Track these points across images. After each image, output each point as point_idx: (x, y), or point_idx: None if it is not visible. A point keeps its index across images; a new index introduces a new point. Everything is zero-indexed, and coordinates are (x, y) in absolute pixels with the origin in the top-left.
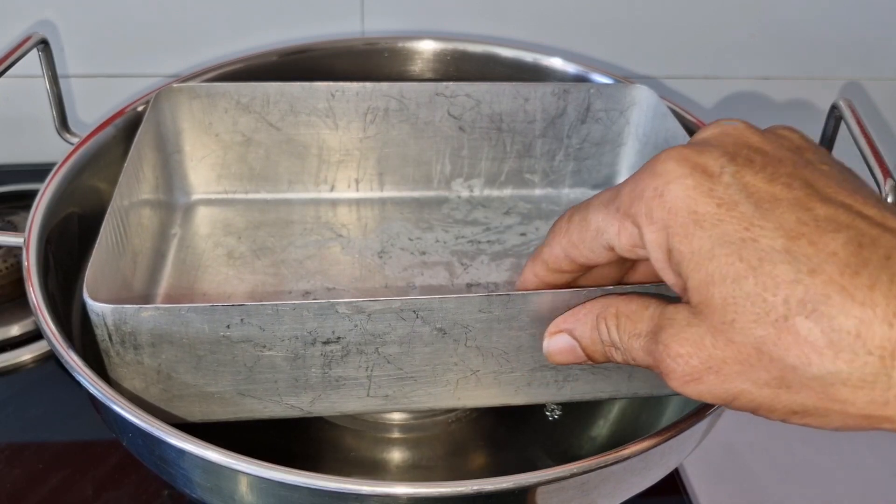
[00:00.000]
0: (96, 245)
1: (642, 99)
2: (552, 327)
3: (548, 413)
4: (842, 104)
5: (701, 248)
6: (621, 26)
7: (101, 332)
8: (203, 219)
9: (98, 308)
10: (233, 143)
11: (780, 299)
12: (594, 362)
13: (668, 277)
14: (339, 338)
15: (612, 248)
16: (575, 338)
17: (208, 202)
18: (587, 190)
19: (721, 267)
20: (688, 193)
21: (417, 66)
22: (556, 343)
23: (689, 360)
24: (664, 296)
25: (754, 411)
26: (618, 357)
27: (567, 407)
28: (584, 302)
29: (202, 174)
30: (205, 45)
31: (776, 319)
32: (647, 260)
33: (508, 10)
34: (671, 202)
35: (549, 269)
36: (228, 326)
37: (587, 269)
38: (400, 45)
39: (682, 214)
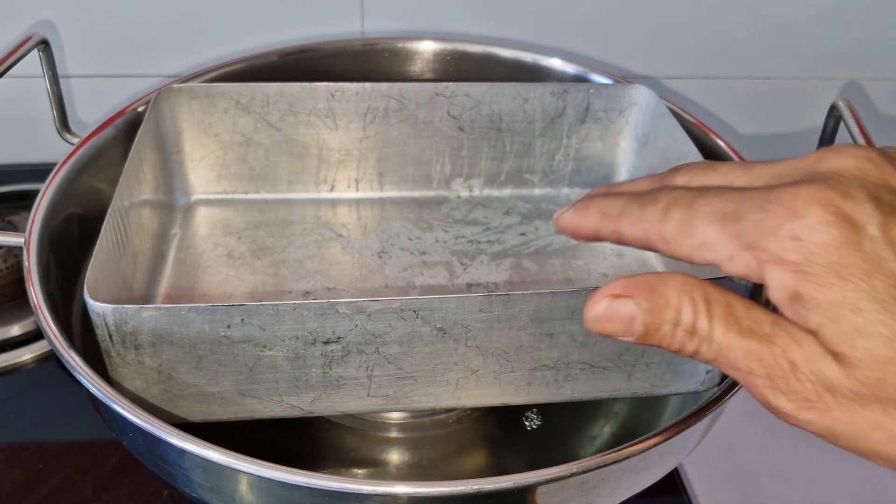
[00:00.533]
0: (97, 245)
1: (641, 99)
2: (614, 289)
3: (526, 423)
4: (841, 104)
5: (844, 300)
6: (621, 26)
7: (101, 333)
8: (203, 219)
9: (99, 308)
10: (232, 143)
11: None
12: (645, 343)
13: (783, 309)
14: (339, 338)
15: (712, 263)
16: (642, 309)
17: (208, 202)
18: (586, 190)
19: (870, 323)
20: (832, 244)
21: (417, 67)
22: (619, 309)
23: (822, 391)
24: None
25: (869, 457)
26: (690, 346)
27: (565, 407)
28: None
29: (202, 174)
30: (205, 45)
31: None
32: None
33: (508, 11)
34: (812, 250)
35: (618, 239)
36: (229, 326)
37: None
38: (400, 45)
39: (823, 264)
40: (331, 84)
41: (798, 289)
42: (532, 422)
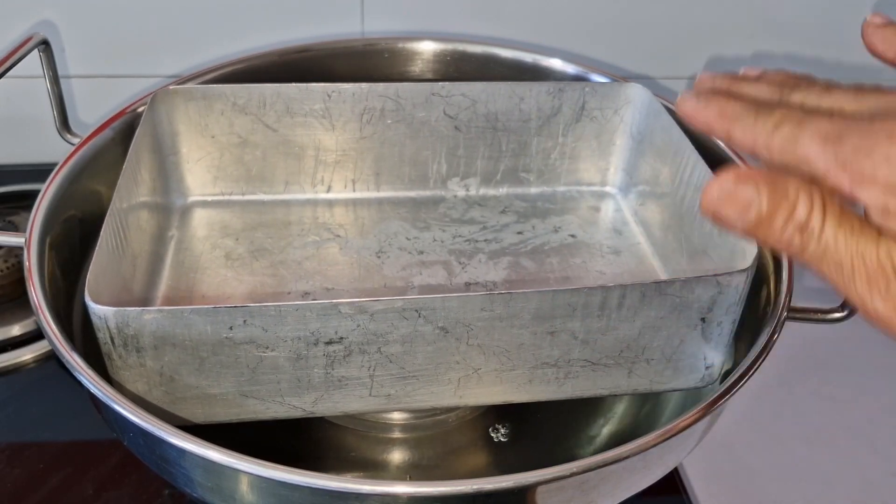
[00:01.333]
0: (97, 248)
1: (636, 97)
2: (739, 171)
3: (493, 435)
4: None
5: None
6: (620, 27)
7: (103, 335)
8: (200, 221)
9: (100, 311)
10: (229, 144)
11: None
12: (753, 234)
13: (876, 222)
14: (341, 338)
15: (808, 176)
16: (761, 195)
17: (205, 204)
18: (582, 188)
19: None
20: None
21: (417, 67)
22: (740, 191)
23: None
24: None
25: None
26: (795, 240)
27: (565, 407)
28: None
29: (199, 176)
30: (205, 45)
31: None
32: None
33: (508, 11)
34: None
35: (729, 138)
36: (231, 328)
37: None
38: (400, 45)
39: None
40: (327, 85)
41: (888, 204)
42: (498, 434)
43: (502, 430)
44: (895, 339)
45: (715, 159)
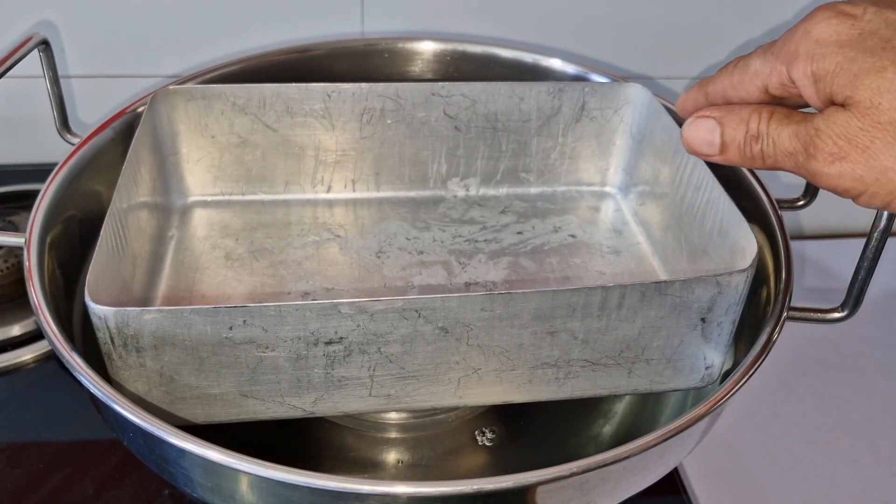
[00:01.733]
0: (97, 248)
1: (636, 97)
2: (698, 112)
3: (478, 439)
4: None
5: (843, 60)
6: (621, 27)
7: (103, 336)
8: (200, 221)
9: (100, 311)
10: (229, 144)
11: None
12: (723, 156)
13: (814, 102)
14: (341, 338)
15: (765, 89)
16: (721, 124)
17: (205, 204)
18: (582, 188)
19: (863, 66)
20: (832, 28)
21: (417, 67)
22: (700, 126)
23: (837, 139)
24: None
25: (888, 202)
26: (755, 148)
27: (565, 407)
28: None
29: (199, 176)
30: (205, 45)
31: None
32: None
33: (508, 11)
34: (816, 36)
35: (707, 99)
36: (231, 328)
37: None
38: (400, 45)
39: (826, 43)
40: (327, 85)
41: (813, 69)
42: (484, 438)
43: (488, 434)
44: (840, 190)
45: None
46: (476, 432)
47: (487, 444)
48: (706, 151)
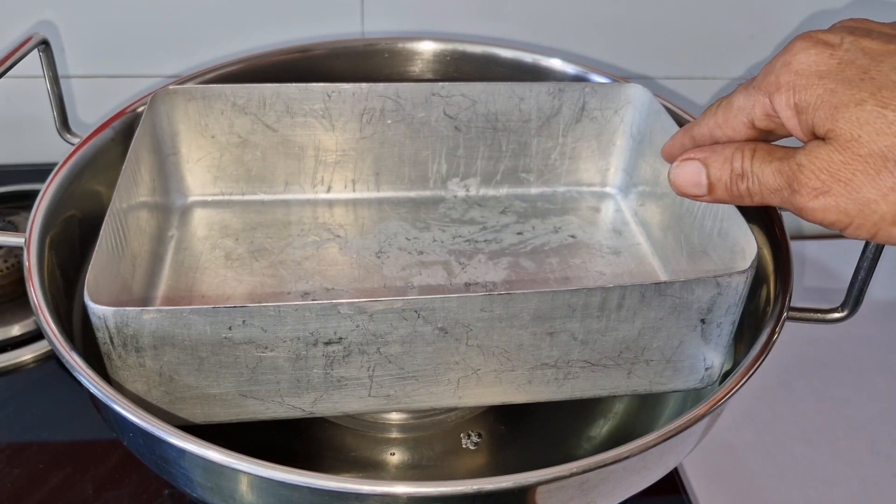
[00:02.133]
0: (96, 248)
1: (636, 97)
2: (683, 155)
3: (463, 442)
4: None
5: (824, 92)
6: (621, 27)
7: (102, 335)
8: (200, 221)
9: (100, 311)
10: (229, 144)
11: None
12: (711, 195)
13: (798, 133)
14: (340, 338)
15: (751, 124)
16: (706, 165)
17: (205, 204)
18: (582, 188)
19: (843, 98)
20: (811, 58)
21: (417, 67)
22: (685, 169)
23: (820, 173)
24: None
25: (874, 233)
26: (741, 186)
27: (565, 407)
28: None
29: (198, 176)
30: (205, 45)
31: None
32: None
33: (508, 11)
34: (796, 67)
35: (693, 141)
36: (230, 328)
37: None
38: (400, 45)
39: (806, 74)
40: (327, 85)
41: (795, 100)
42: (470, 441)
43: (474, 438)
44: (826, 222)
45: None
46: (462, 435)
47: (472, 447)
48: (694, 192)
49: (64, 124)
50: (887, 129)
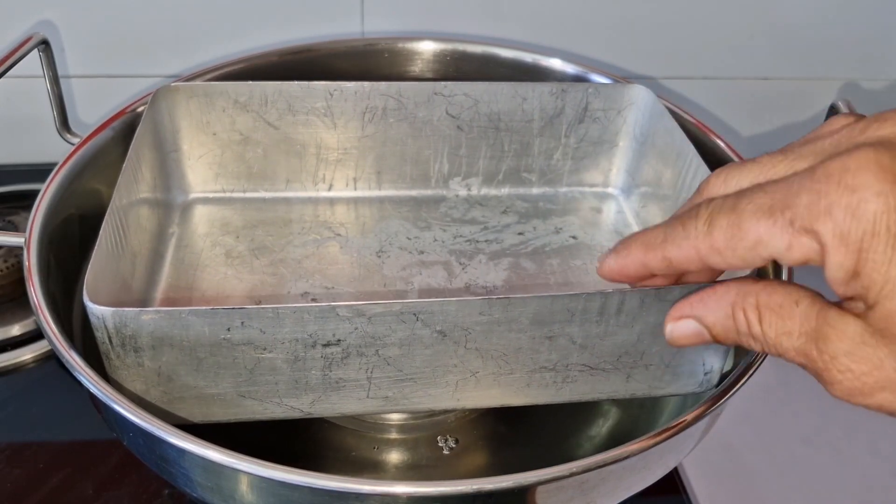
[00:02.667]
0: (96, 247)
1: (639, 98)
2: (675, 312)
3: (441, 445)
4: (840, 104)
5: None
6: (621, 27)
7: (101, 335)
8: (201, 218)
9: (98, 311)
10: (231, 141)
11: None
12: (724, 345)
13: (841, 292)
14: (339, 340)
15: (771, 259)
16: (705, 325)
17: (206, 201)
18: (584, 189)
19: None
20: (890, 214)
21: (417, 67)
22: (682, 329)
23: (864, 377)
24: (810, 289)
25: None
26: (756, 347)
27: (565, 407)
28: (709, 287)
29: (200, 173)
30: (205, 45)
31: None
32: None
33: (508, 11)
34: (869, 222)
35: (670, 266)
36: (229, 329)
37: (718, 272)
38: (400, 45)
39: (882, 237)
40: (329, 83)
41: (858, 268)
42: (447, 445)
43: (450, 443)
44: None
45: (717, 162)
46: (439, 438)
47: (447, 452)
48: (704, 341)
49: (64, 124)
50: None
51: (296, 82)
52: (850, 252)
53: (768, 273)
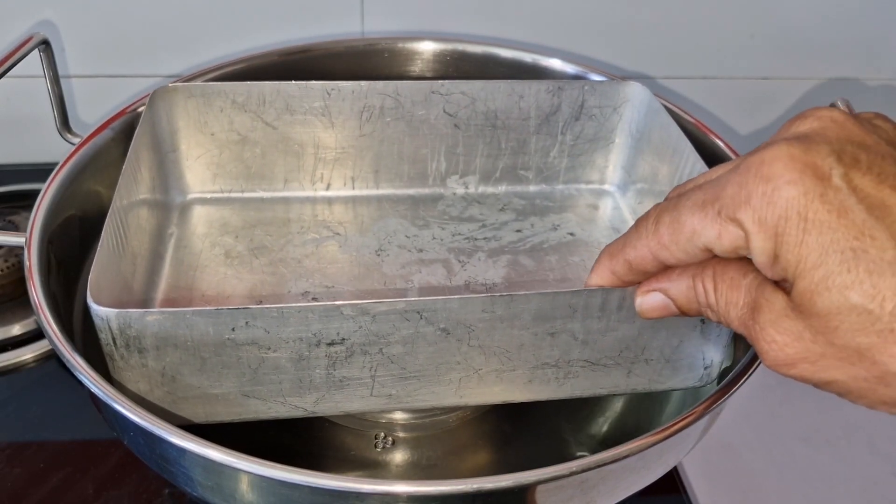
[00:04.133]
0: (98, 248)
1: (635, 96)
2: (644, 286)
3: (376, 441)
4: (839, 104)
5: (809, 256)
6: (621, 27)
7: (105, 336)
8: (199, 218)
9: (102, 312)
10: (229, 141)
11: (886, 311)
12: (688, 316)
13: (765, 271)
14: (343, 339)
15: (708, 250)
16: (670, 297)
17: (204, 201)
18: (581, 186)
19: (827, 277)
20: (799, 199)
21: (417, 67)
22: (650, 301)
23: (785, 348)
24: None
25: (842, 396)
26: (713, 317)
27: (565, 406)
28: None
29: (198, 173)
30: (205, 45)
31: (881, 330)
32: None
33: (508, 11)
34: (782, 208)
35: (631, 269)
36: (233, 329)
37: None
38: (400, 45)
39: (793, 221)
40: (327, 83)
41: (776, 251)
42: (382, 441)
43: (390, 440)
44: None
45: (713, 158)
46: (375, 434)
47: (381, 449)
48: (670, 312)
49: (64, 124)
50: (870, 326)
51: (293, 82)
52: (768, 236)
53: None
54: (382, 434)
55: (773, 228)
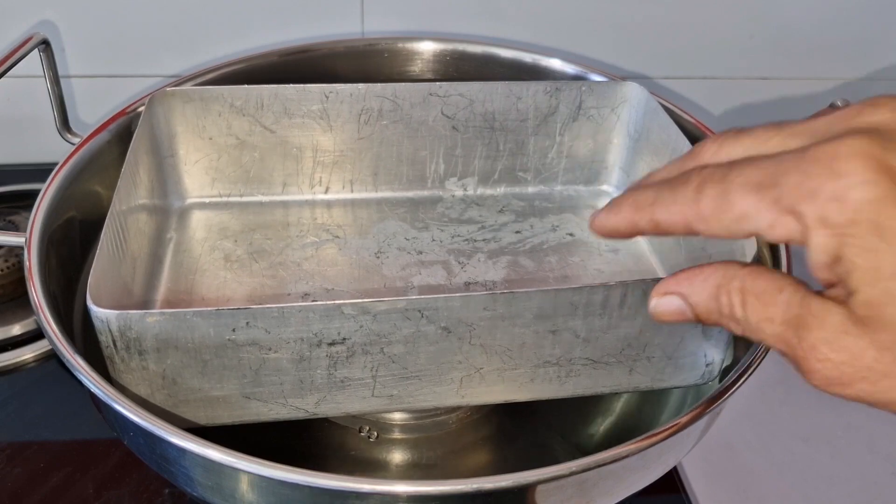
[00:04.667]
0: (97, 251)
1: (633, 96)
2: (661, 287)
3: (363, 434)
4: (839, 104)
5: (881, 266)
6: (620, 27)
7: (105, 339)
8: (198, 222)
9: (103, 315)
10: (227, 146)
11: None
12: (705, 325)
13: (822, 276)
14: (344, 339)
15: (753, 234)
16: (689, 303)
17: (203, 205)
18: (580, 187)
19: None
20: (874, 202)
21: (417, 67)
22: (665, 304)
23: (842, 367)
24: (796, 278)
25: None
26: (736, 330)
27: (565, 405)
28: (697, 267)
29: (196, 178)
30: (205, 45)
31: None
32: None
33: (508, 11)
34: (854, 210)
35: (657, 228)
36: (234, 330)
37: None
38: (400, 45)
39: (866, 226)
40: (324, 86)
41: (840, 252)
42: (369, 433)
43: (374, 433)
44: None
45: None
46: (358, 428)
47: (369, 440)
48: (686, 319)
49: (64, 124)
50: None
51: (291, 85)
52: (833, 236)
53: (766, 262)
54: (367, 427)
55: (840, 229)
